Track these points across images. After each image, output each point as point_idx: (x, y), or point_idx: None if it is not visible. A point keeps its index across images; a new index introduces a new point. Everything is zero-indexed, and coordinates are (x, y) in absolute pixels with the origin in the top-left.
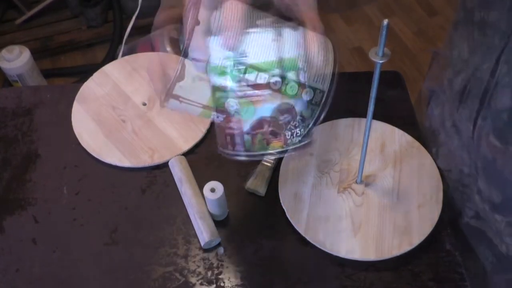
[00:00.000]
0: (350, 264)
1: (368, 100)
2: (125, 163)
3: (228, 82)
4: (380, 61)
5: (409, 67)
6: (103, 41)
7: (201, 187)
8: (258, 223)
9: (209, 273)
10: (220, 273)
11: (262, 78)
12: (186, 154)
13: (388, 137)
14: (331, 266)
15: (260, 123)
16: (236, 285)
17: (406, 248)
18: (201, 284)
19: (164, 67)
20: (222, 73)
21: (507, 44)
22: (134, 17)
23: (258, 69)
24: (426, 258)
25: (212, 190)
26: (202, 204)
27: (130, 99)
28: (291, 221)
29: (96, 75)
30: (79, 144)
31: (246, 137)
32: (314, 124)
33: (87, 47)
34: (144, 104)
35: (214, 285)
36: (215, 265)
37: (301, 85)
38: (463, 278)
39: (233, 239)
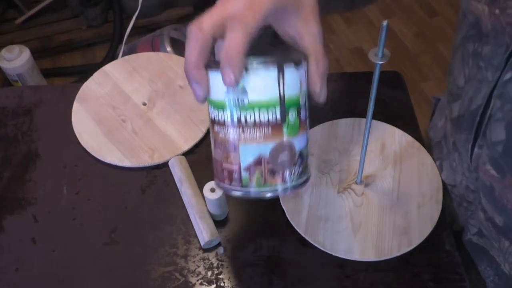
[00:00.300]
0: (349, 264)
1: (368, 100)
2: (125, 162)
3: (227, 116)
4: (380, 62)
5: (409, 68)
6: (103, 41)
7: (201, 187)
8: (258, 223)
9: (209, 273)
10: (220, 273)
11: (262, 116)
12: (186, 154)
13: (388, 137)
14: (331, 266)
15: (258, 161)
16: (236, 285)
17: (405, 248)
18: (201, 284)
19: None
20: (222, 107)
21: (499, 80)
22: (134, 17)
23: (259, 106)
24: (426, 258)
25: (212, 190)
26: (202, 204)
27: (130, 99)
28: (291, 221)
29: (96, 75)
30: (79, 143)
31: (244, 173)
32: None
33: (87, 46)
34: (144, 104)
35: (214, 285)
36: (215, 265)
37: (301, 123)
38: (463, 279)
39: (233, 239)
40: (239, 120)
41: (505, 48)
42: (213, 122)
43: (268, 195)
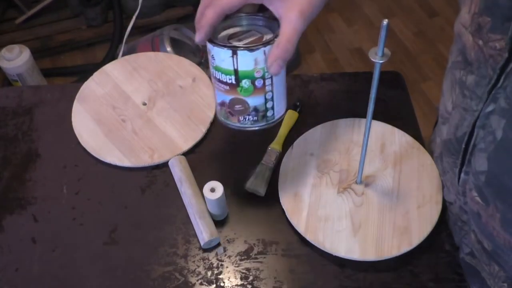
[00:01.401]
0: (349, 264)
1: (368, 100)
2: (125, 162)
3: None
4: (380, 61)
5: (409, 68)
6: (103, 41)
7: (201, 187)
8: (258, 223)
9: (209, 273)
10: (220, 273)
11: (223, 77)
12: (186, 154)
13: (388, 137)
14: (331, 266)
15: (223, 104)
16: (236, 285)
17: (405, 248)
18: (201, 284)
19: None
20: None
21: (482, 111)
22: (134, 17)
23: (220, 71)
24: (426, 258)
25: (212, 190)
26: (202, 204)
27: (130, 99)
28: (291, 221)
29: (96, 74)
30: (79, 143)
31: (218, 107)
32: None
33: (87, 46)
34: (144, 104)
35: (214, 285)
36: (214, 265)
37: (256, 88)
38: (462, 279)
39: (233, 239)
40: (212, 74)
41: (488, 80)
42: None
43: (232, 127)
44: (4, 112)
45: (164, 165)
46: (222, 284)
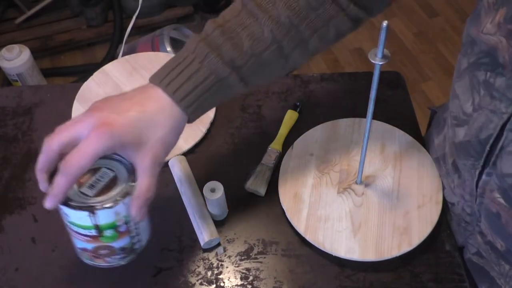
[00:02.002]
0: (349, 264)
1: (368, 100)
2: None
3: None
4: (380, 63)
5: (409, 68)
6: (103, 41)
7: (201, 187)
8: (258, 223)
9: (209, 273)
10: (220, 273)
11: (82, 231)
12: (186, 154)
13: (388, 137)
14: (331, 266)
15: (84, 249)
16: (235, 285)
17: (405, 248)
18: (201, 284)
19: None
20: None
21: None
22: (134, 17)
23: (77, 226)
24: (426, 258)
25: (212, 190)
26: (202, 204)
27: None
28: (291, 221)
29: (96, 74)
30: None
31: (79, 252)
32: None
33: (87, 46)
34: None
35: (214, 285)
36: (214, 265)
37: (120, 233)
38: (463, 279)
39: (233, 239)
40: (67, 225)
41: None
42: None
43: (100, 267)
44: (4, 112)
45: (164, 165)
46: (222, 284)
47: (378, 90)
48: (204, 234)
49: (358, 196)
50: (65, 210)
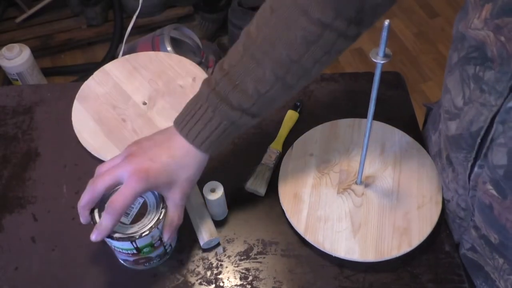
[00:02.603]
0: (349, 265)
1: (368, 100)
2: None
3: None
4: (381, 62)
5: (409, 68)
6: (103, 40)
7: (201, 187)
8: (258, 223)
9: (209, 273)
10: (220, 273)
11: (124, 251)
12: None
13: (388, 138)
14: (330, 267)
15: (125, 260)
16: (235, 285)
17: (405, 249)
18: (200, 284)
19: None
20: None
21: (503, 106)
22: (134, 16)
23: (120, 249)
24: (426, 259)
25: (212, 190)
26: (201, 204)
27: (131, 98)
28: (290, 221)
29: (97, 74)
30: (79, 142)
31: (121, 261)
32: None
33: (87, 45)
34: (145, 103)
35: (214, 285)
36: (214, 265)
37: (155, 248)
38: (462, 280)
39: (233, 239)
40: (110, 246)
41: (510, 76)
42: None
43: (139, 269)
44: (4, 111)
45: None
46: (221, 284)
47: (379, 91)
48: (204, 234)
49: (358, 197)
50: (110, 241)
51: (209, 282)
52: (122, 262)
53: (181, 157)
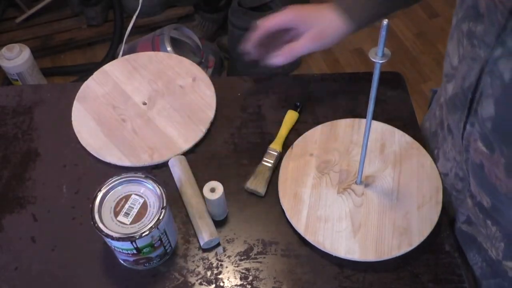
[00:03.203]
0: (349, 264)
1: (368, 100)
2: (125, 162)
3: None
4: (380, 61)
5: (409, 68)
6: (103, 40)
7: (201, 187)
8: (258, 223)
9: (209, 273)
10: (220, 273)
11: (124, 251)
12: (186, 153)
13: (388, 138)
14: (330, 267)
15: (125, 260)
16: (235, 285)
17: (405, 249)
18: (200, 284)
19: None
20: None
21: (490, 56)
22: (134, 16)
23: (120, 249)
24: (426, 259)
25: (212, 190)
26: (201, 204)
27: (131, 98)
28: (290, 221)
29: (97, 74)
30: (79, 143)
31: (121, 260)
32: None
33: (87, 46)
34: (145, 104)
35: (214, 285)
36: (214, 265)
37: (155, 248)
38: (462, 280)
39: (233, 239)
40: (110, 246)
41: (497, 26)
42: None
43: (140, 270)
44: (4, 111)
45: (164, 165)
46: (221, 284)
47: (378, 90)
48: (204, 234)
49: (358, 197)
50: (110, 241)
51: (209, 282)
52: (122, 262)
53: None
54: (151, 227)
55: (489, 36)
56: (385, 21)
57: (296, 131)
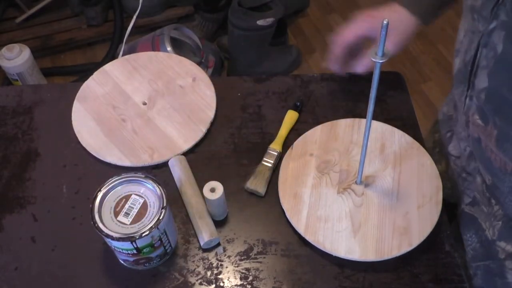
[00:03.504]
0: (349, 264)
1: (368, 100)
2: (125, 162)
3: (109, 243)
4: (380, 61)
5: (409, 68)
6: (103, 40)
7: (201, 187)
8: (258, 223)
9: (209, 273)
10: (220, 273)
11: (124, 251)
12: (186, 153)
13: (388, 138)
14: (330, 267)
15: (125, 260)
16: (235, 285)
17: (405, 248)
18: (200, 284)
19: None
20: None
21: (486, 29)
22: (135, 16)
23: (120, 249)
24: (426, 259)
25: (212, 190)
26: (201, 204)
27: (131, 98)
28: (290, 221)
29: (97, 74)
30: (79, 143)
31: (121, 261)
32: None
33: (87, 46)
34: (145, 104)
35: (213, 285)
36: (214, 265)
37: (155, 248)
38: (462, 280)
39: (233, 239)
40: (110, 246)
41: (493, 0)
42: None
43: (140, 269)
44: (4, 111)
45: (164, 165)
46: (221, 284)
47: (378, 90)
48: (204, 234)
49: (358, 196)
50: (110, 241)
51: (209, 282)
52: (122, 262)
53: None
54: (151, 227)
55: (486, 10)
56: (385, 21)
57: (296, 131)
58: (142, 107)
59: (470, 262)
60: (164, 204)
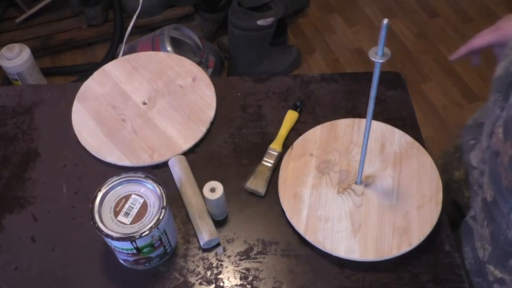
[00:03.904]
0: (349, 264)
1: (368, 100)
2: (125, 162)
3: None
4: (380, 61)
5: (409, 68)
6: (103, 40)
7: (201, 187)
8: (258, 223)
9: (209, 273)
10: (220, 273)
11: (124, 251)
12: (186, 153)
13: (388, 137)
14: (330, 267)
15: (125, 260)
16: (235, 285)
17: (405, 248)
18: (200, 284)
19: None
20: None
21: None
22: (135, 16)
23: (120, 249)
24: (425, 259)
25: (212, 190)
26: (201, 203)
27: (130, 98)
28: (290, 221)
29: (97, 74)
30: (79, 143)
31: (121, 260)
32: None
33: (87, 45)
34: (144, 103)
35: (213, 285)
36: (214, 265)
37: (155, 248)
38: (462, 280)
39: (233, 239)
40: (110, 246)
41: None
42: None
43: (140, 269)
44: (4, 111)
45: (164, 165)
46: (221, 284)
47: (378, 90)
48: (204, 234)
49: (358, 196)
50: (110, 241)
51: (209, 282)
52: (122, 262)
53: None
54: (151, 227)
55: None
56: (385, 21)
57: (296, 131)
58: (142, 107)
59: (470, 277)
60: (164, 204)
